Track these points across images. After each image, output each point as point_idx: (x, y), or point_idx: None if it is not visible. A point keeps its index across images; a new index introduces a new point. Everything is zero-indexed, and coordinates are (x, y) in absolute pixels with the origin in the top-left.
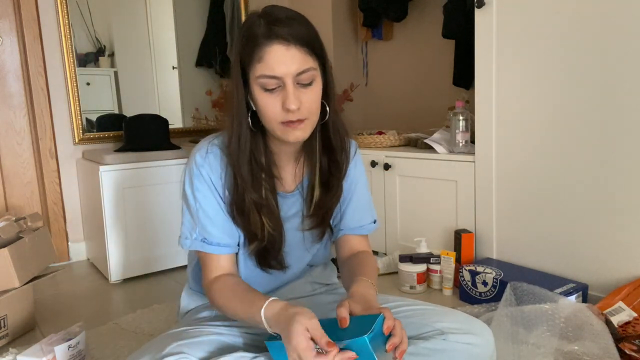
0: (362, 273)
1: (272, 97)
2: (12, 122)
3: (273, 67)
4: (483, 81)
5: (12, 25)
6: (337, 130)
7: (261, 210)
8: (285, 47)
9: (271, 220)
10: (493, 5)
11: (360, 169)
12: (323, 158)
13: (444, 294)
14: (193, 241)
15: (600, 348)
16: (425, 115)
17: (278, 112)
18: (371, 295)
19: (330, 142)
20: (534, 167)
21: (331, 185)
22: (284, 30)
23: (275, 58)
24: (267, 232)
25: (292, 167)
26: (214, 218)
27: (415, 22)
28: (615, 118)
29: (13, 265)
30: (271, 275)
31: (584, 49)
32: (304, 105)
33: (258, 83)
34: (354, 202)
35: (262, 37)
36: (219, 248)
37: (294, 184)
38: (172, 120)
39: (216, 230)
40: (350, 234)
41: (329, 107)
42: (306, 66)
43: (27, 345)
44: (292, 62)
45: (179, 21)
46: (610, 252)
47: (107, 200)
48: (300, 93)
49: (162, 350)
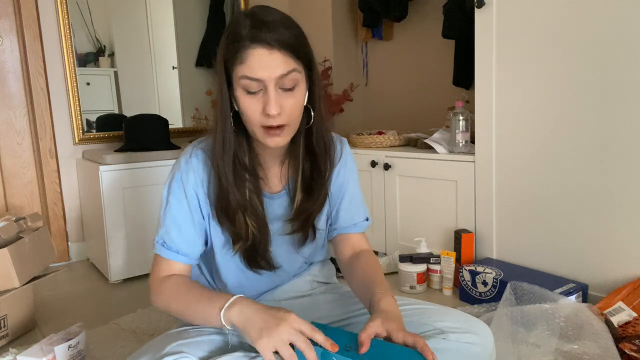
0: (376, 282)
1: (253, 100)
2: (12, 122)
3: (255, 70)
4: (483, 81)
5: (12, 25)
6: (321, 136)
7: (245, 211)
8: (268, 51)
9: (255, 221)
10: (493, 5)
11: (351, 166)
12: (306, 163)
13: (444, 294)
14: (155, 242)
15: (600, 348)
16: (425, 115)
17: (258, 115)
18: (399, 313)
19: (313, 148)
20: (534, 167)
21: (313, 191)
22: (268, 34)
23: (257, 61)
24: (251, 232)
25: (278, 168)
26: (181, 225)
27: (415, 22)
28: (615, 118)
29: (13, 265)
30: (265, 277)
31: (584, 49)
32: (285, 111)
33: (240, 84)
34: (346, 200)
35: (246, 39)
36: (176, 255)
37: (280, 185)
38: (172, 120)
39: (179, 238)
40: (345, 232)
41: (314, 111)
42: (287, 69)
43: (27, 345)
44: (275, 66)
45: (179, 21)
46: (610, 252)
47: (107, 200)
48: (281, 98)
49: (162, 350)
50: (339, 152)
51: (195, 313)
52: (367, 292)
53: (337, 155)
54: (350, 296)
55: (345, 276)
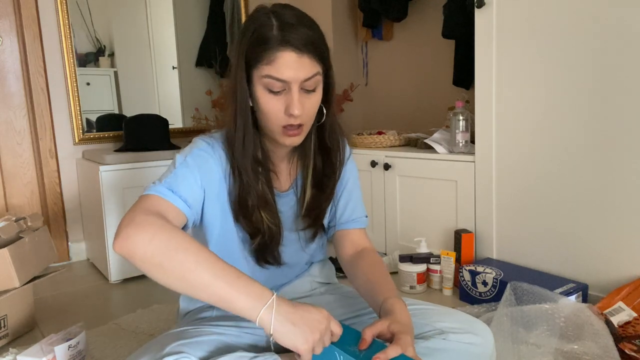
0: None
1: (275, 99)
2: (12, 122)
3: (282, 72)
4: (483, 81)
5: (12, 25)
6: (334, 131)
7: (260, 206)
8: (297, 55)
9: (270, 215)
10: (493, 5)
11: (351, 164)
12: (317, 159)
13: (444, 294)
14: (154, 186)
15: (600, 348)
16: (425, 115)
17: (281, 115)
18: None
19: (325, 144)
20: (534, 167)
21: (324, 186)
22: (297, 38)
23: (286, 64)
24: (266, 226)
25: (286, 166)
26: (190, 181)
27: (415, 22)
28: (615, 118)
29: (13, 265)
30: (270, 274)
31: (584, 49)
32: (305, 112)
33: (262, 82)
34: (345, 196)
35: (275, 42)
36: (182, 203)
37: (288, 183)
38: (172, 120)
39: (186, 189)
40: (345, 228)
41: (328, 109)
42: (313, 72)
43: (27, 345)
44: (302, 69)
45: (179, 21)
46: (610, 252)
47: (107, 200)
48: (304, 99)
49: (162, 350)
50: (348, 149)
51: (211, 287)
52: (374, 295)
53: (347, 151)
54: (351, 296)
55: (349, 276)
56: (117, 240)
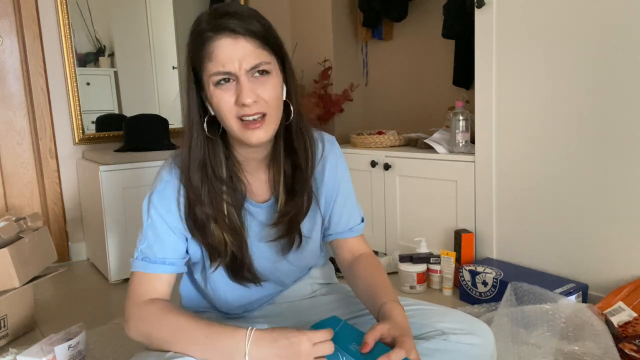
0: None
1: (225, 92)
2: (12, 122)
3: (223, 63)
4: (483, 81)
5: (12, 25)
6: (301, 132)
7: (220, 226)
8: (233, 40)
9: (233, 237)
10: (493, 5)
11: (342, 167)
12: (287, 163)
13: (444, 294)
14: (134, 260)
15: (601, 348)
16: (425, 115)
17: (233, 107)
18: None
19: (292, 145)
20: (534, 167)
21: (295, 191)
22: (231, 21)
23: (224, 53)
24: (229, 249)
25: (263, 175)
26: (162, 236)
27: (415, 22)
28: (615, 118)
29: (13, 265)
30: (267, 285)
31: (584, 49)
32: (261, 98)
33: (211, 81)
34: (339, 204)
35: (209, 31)
36: (162, 266)
37: (269, 193)
38: (172, 120)
39: (161, 248)
40: (343, 237)
41: (292, 106)
42: (259, 60)
43: (27, 345)
44: (243, 54)
45: (179, 21)
46: (610, 252)
47: (107, 200)
48: (255, 86)
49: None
50: (320, 150)
51: (196, 346)
52: (373, 299)
53: (319, 152)
54: (352, 296)
55: (348, 281)
56: (126, 325)
